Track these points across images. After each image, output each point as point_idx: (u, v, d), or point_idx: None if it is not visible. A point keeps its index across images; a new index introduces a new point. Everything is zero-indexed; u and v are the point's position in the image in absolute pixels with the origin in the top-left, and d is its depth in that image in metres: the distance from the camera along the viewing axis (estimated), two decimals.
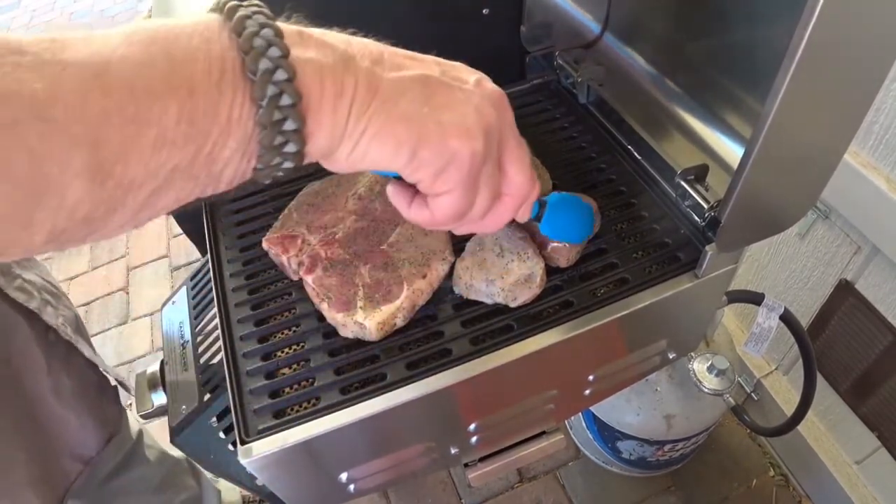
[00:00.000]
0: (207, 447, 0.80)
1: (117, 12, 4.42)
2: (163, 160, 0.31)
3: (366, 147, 0.37)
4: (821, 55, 0.49)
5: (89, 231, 0.31)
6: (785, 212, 0.67)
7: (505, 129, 0.42)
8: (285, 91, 0.33)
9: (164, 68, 0.30)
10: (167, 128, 0.30)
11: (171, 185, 0.32)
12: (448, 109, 0.38)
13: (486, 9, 0.90)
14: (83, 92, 0.28)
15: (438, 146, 0.38)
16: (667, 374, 1.34)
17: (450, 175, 0.40)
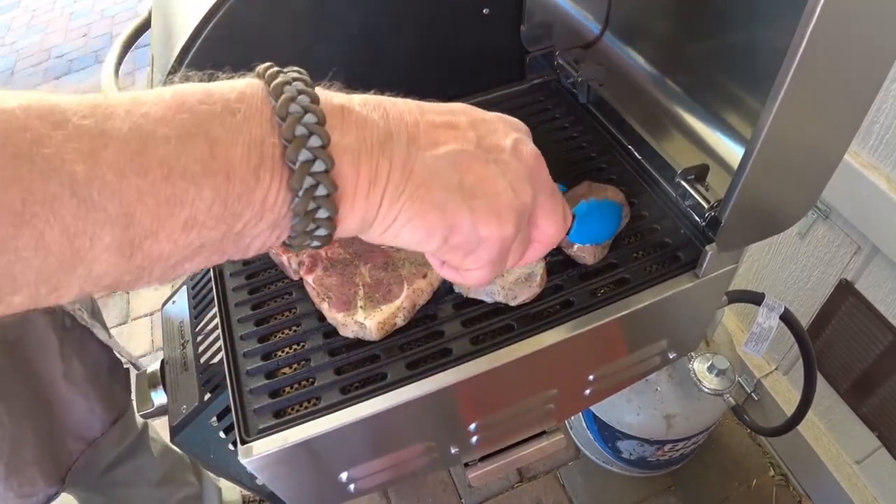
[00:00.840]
0: (207, 446, 0.80)
1: (117, 12, 4.43)
2: (192, 238, 0.31)
3: (397, 230, 0.37)
4: (821, 55, 0.49)
5: (114, 291, 0.32)
6: (785, 212, 0.67)
7: (539, 189, 0.41)
8: (322, 182, 0.33)
9: (204, 151, 0.30)
10: (200, 210, 0.31)
11: (199, 255, 0.33)
12: (481, 191, 0.37)
13: (487, 8, 0.90)
14: (121, 172, 0.28)
15: (469, 233, 0.38)
16: (667, 373, 1.34)
17: (479, 256, 0.40)
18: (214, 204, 0.31)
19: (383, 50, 0.89)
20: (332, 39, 0.85)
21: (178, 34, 0.79)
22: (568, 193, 0.77)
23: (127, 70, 3.51)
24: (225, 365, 0.69)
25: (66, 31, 4.32)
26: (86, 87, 3.66)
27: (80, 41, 4.18)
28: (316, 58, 0.86)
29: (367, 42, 0.87)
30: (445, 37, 0.91)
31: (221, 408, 0.76)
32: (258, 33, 0.80)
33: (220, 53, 0.79)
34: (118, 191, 0.28)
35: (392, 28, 0.87)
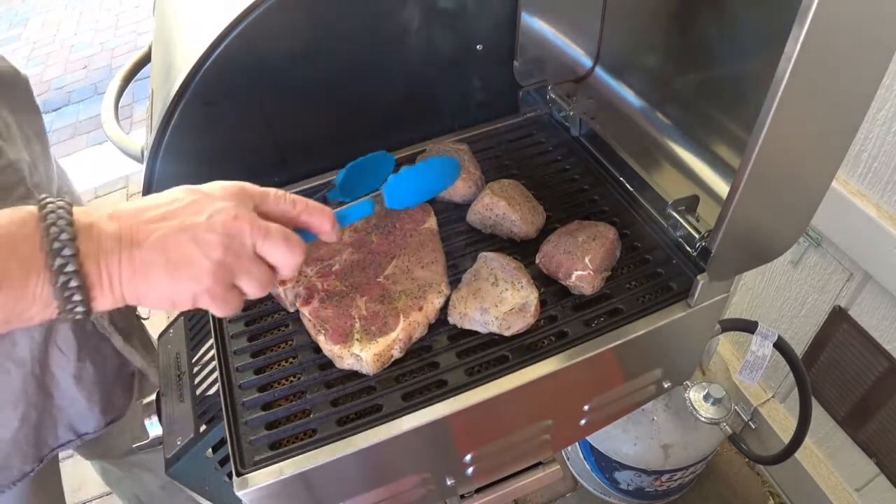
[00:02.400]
0: (203, 478, 0.80)
1: (117, 45, 4.48)
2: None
3: (144, 302, 0.53)
4: (805, 86, 0.50)
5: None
6: (775, 240, 0.68)
7: (244, 241, 0.54)
8: (72, 278, 0.48)
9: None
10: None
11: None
12: (182, 263, 0.51)
13: (480, 45, 0.92)
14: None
15: (182, 295, 0.53)
16: (663, 403, 1.34)
17: (202, 303, 0.54)
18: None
19: (379, 85, 0.91)
20: (329, 73, 0.87)
21: (179, 68, 0.81)
22: (560, 229, 0.78)
23: (126, 102, 3.54)
24: (221, 397, 0.69)
25: (66, 63, 4.36)
26: (85, 118, 3.69)
27: (80, 73, 4.23)
28: (314, 92, 0.88)
29: (362, 77, 0.89)
30: (440, 73, 0.93)
31: (217, 439, 0.76)
32: (257, 68, 0.82)
33: (219, 87, 0.81)
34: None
35: (388, 65, 0.89)
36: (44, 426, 0.96)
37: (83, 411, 1.00)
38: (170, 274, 0.52)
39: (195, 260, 0.52)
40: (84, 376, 0.98)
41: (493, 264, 0.74)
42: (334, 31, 0.83)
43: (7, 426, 0.90)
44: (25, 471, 0.95)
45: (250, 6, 0.76)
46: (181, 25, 0.92)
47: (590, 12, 0.95)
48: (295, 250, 0.57)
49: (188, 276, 0.52)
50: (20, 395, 0.90)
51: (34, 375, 0.92)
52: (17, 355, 0.89)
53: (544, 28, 0.94)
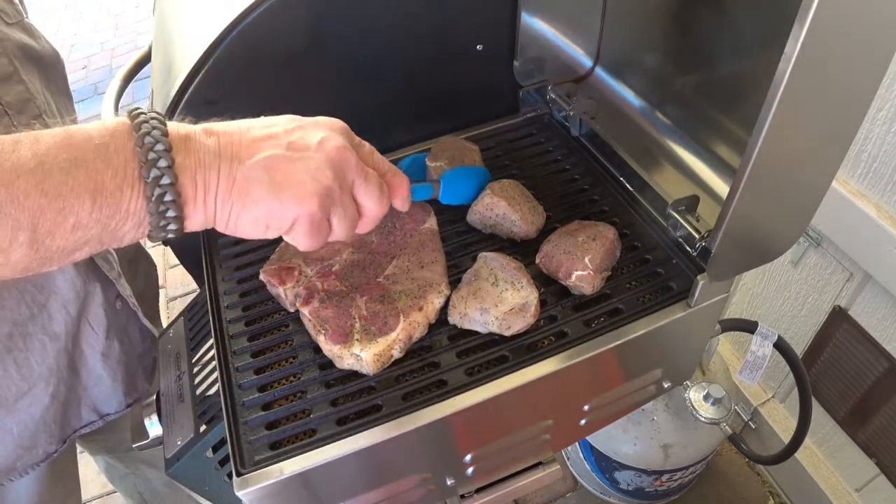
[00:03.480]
0: (203, 478, 0.80)
1: (117, 45, 4.48)
2: (79, 236, 0.45)
3: (234, 224, 0.51)
4: (805, 86, 0.50)
5: (24, 272, 0.46)
6: (775, 240, 0.68)
7: (347, 174, 0.54)
8: (168, 192, 0.46)
9: (84, 176, 0.44)
10: (82, 216, 0.44)
11: (86, 247, 0.47)
12: (287, 184, 0.50)
13: (480, 45, 0.92)
14: (28, 194, 0.42)
15: (281, 218, 0.51)
16: (663, 403, 1.34)
17: (297, 231, 0.53)
18: (93, 211, 0.44)
19: (379, 85, 0.91)
20: (329, 74, 0.87)
21: (179, 68, 0.81)
22: (561, 229, 0.78)
23: (126, 102, 3.54)
24: (221, 397, 0.69)
25: (66, 63, 4.36)
26: (85, 119, 3.69)
27: (81, 73, 4.23)
28: (313, 91, 0.88)
29: (362, 76, 0.89)
30: (441, 73, 0.93)
31: (217, 440, 0.76)
32: (257, 67, 0.82)
33: (219, 87, 0.81)
34: (28, 207, 0.42)
35: (388, 65, 0.89)
36: (70, 405, 0.97)
37: (107, 391, 1.01)
38: (274, 193, 0.50)
39: (303, 181, 0.50)
40: (111, 354, 0.99)
41: (493, 264, 0.74)
42: (334, 31, 0.83)
43: (39, 403, 0.91)
44: (49, 451, 0.95)
45: (250, 6, 0.76)
46: (181, 25, 0.93)
47: (590, 12, 0.95)
48: (384, 200, 0.57)
49: (294, 196, 0.50)
50: (53, 370, 0.91)
51: (67, 351, 0.93)
52: (53, 330, 0.90)
53: (544, 28, 0.94)
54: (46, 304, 0.88)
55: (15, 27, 0.88)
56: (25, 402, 0.89)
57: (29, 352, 0.88)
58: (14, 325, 0.85)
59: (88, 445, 1.25)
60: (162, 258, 2.61)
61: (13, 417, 0.89)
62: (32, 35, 0.92)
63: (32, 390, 0.90)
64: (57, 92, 0.97)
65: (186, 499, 1.41)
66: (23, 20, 0.91)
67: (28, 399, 0.89)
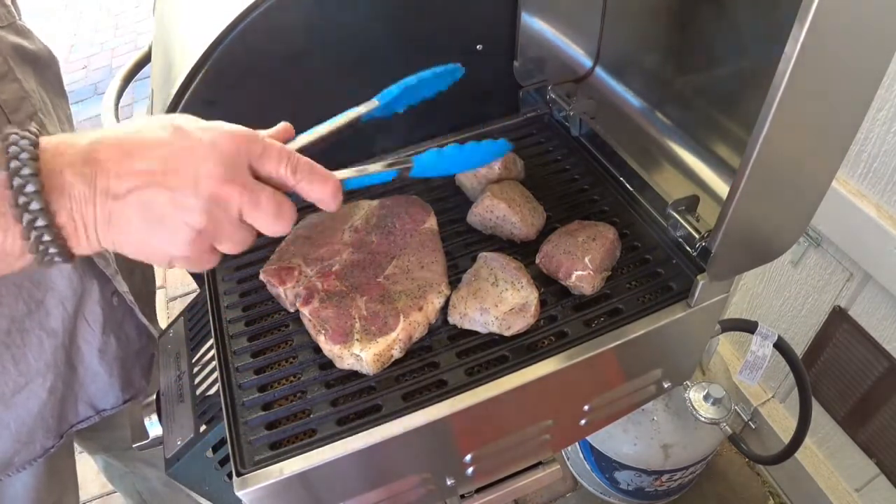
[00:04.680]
0: (203, 478, 0.80)
1: (117, 45, 4.48)
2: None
3: (121, 251, 0.52)
4: (805, 86, 0.50)
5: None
6: (775, 240, 0.68)
7: (229, 208, 0.51)
8: (44, 233, 0.47)
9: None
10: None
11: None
12: (159, 229, 0.50)
13: (480, 45, 0.92)
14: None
15: (158, 257, 0.52)
16: (663, 403, 1.34)
17: (180, 265, 0.53)
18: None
19: (379, 85, 0.91)
20: (329, 74, 0.87)
21: (179, 68, 0.81)
22: (561, 229, 0.78)
23: (126, 102, 3.54)
24: (221, 397, 0.69)
25: (66, 63, 4.36)
26: (85, 119, 3.69)
27: (80, 73, 4.23)
28: (314, 91, 0.87)
29: (362, 77, 0.89)
30: None
31: (217, 440, 0.76)
32: (257, 67, 0.82)
33: (219, 87, 0.81)
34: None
35: (388, 65, 0.89)
36: (67, 401, 0.98)
37: (104, 387, 1.02)
38: (145, 234, 0.50)
39: (173, 226, 0.50)
40: (107, 350, 1.00)
41: (493, 264, 0.74)
42: (333, 31, 0.83)
43: (36, 398, 0.92)
44: (46, 446, 0.96)
45: (250, 6, 0.76)
46: (181, 25, 0.93)
47: (590, 12, 0.95)
48: (283, 220, 0.54)
49: (164, 239, 0.51)
50: (50, 366, 0.92)
51: (64, 347, 0.93)
52: (50, 326, 0.90)
53: (544, 28, 0.94)
54: (43, 301, 0.89)
55: (8, 29, 0.89)
56: (22, 397, 0.90)
57: (26, 347, 0.88)
58: (11, 321, 0.85)
59: (87, 444, 1.26)
60: None
61: (10, 413, 0.90)
62: (26, 36, 0.93)
63: (29, 385, 0.90)
64: (52, 91, 0.97)
65: (186, 498, 1.41)
66: (15, 22, 0.92)
67: (25, 394, 0.90)
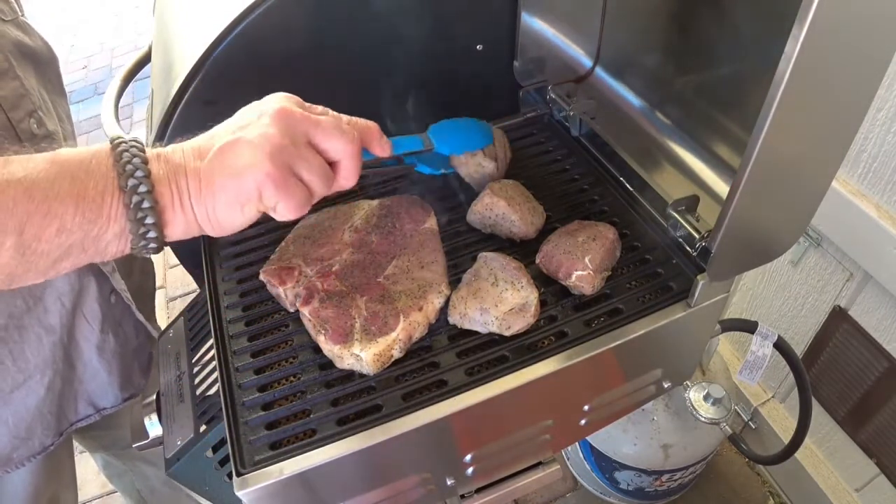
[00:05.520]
0: (203, 478, 0.80)
1: (117, 45, 4.48)
2: (63, 240, 0.48)
3: (215, 219, 0.54)
4: (805, 86, 0.50)
5: (10, 282, 0.49)
6: (775, 240, 0.68)
7: (296, 127, 0.55)
8: (145, 199, 0.50)
9: (68, 183, 0.48)
10: (66, 220, 0.48)
11: (70, 254, 0.50)
12: (238, 158, 0.52)
13: (480, 45, 0.92)
14: (16, 200, 0.46)
15: (247, 191, 0.53)
16: (663, 403, 1.34)
17: (267, 197, 0.53)
18: (76, 215, 0.48)
19: (379, 86, 0.91)
20: (329, 74, 0.87)
21: (179, 68, 0.81)
22: (561, 229, 0.78)
23: (126, 102, 3.55)
24: (221, 397, 0.69)
25: (66, 63, 4.36)
26: (85, 119, 3.69)
27: (80, 73, 4.23)
28: (313, 92, 0.87)
29: (361, 77, 0.89)
30: (440, 73, 0.93)
31: (217, 440, 0.76)
32: (257, 67, 0.82)
33: (219, 87, 0.81)
34: (16, 213, 0.46)
35: (388, 65, 0.89)
36: (66, 398, 0.98)
37: (103, 385, 1.02)
38: (230, 171, 0.52)
39: (252, 149, 0.52)
40: (106, 348, 1.00)
41: (493, 264, 0.74)
42: (334, 31, 0.83)
43: (34, 394, 0.92)
44: (45, 444, 0.96)
45: (250, 6, 0.76)
46: (181, 25, 0.93)
47: (590, 12, 0.95)
48: (349, 136, 0.57)
49: (247, 165, 0.52)
50: (49, 363, 0.92)
51: (62, 344, 0.94)
52: (49, 322, 0.91)
53: (544, 28, 0.94)
54: (42, 297, 0.89)
55: (10, 24, 0.89)
56: (21, 393, 0.90)
57: (24, 343, 0.89)
58: (10, 317, 0.86)
59: (87, 442, 1.26)
60: (162, 258, 2.61)
61: (9, 408, 0.90)
62: (27, 33, 0.93)
63: (28, 382, 0.90)
64: (52, 89, 0.98)
65: (185, 497, 1.42)
66: (18, 18, 0.92)
67: (24, 390, 0.90)
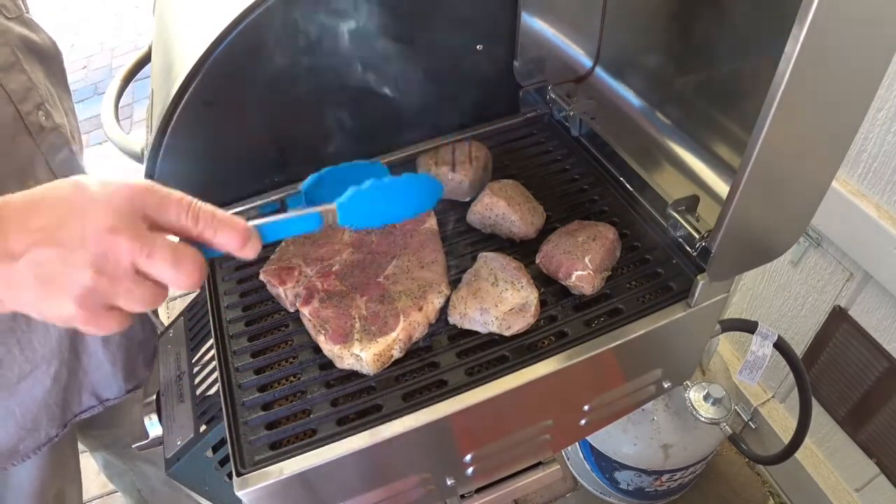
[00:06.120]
0: (203, 478, 0.80)
1: (117, 45, 4.48)
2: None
3: (26, 312, 0.51)
4: (805, 86, 0.50)
5: None
6: (775, 240, 0.68)
7: (119, 261, 0.50)
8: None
9: None
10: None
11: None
12: (49, 290, 0.50)
13: (480, 45, 0.92)
14: None
15: (55, 318, 0.51)
16: (663, 403, 1.34)
17: (78, 326, 0.51)
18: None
19: (379, 86, 0.91)
20: (329, 74, 0.87)
21: (179, 68, 0.81)
22: (561, 229, 0.78)
23: (126, 102, 3.54)
24: (221, 397, 0.69)
25: (66, 63, 4.34)
26: (85, 119, 3.68)
27: (81, 73, 4.22)
28: (314, 91, 0.88)
29: (362, 77, 0.89)
30: (440, 73, 0.93)
31: (217, 440, 0.76)
32: (257, 68, 0.82)
33: (219, 87, 0.81)
34: None
35: (388, 65, 0.89)
36: (71, 389, 0.99)
37: (107, 376, 1.03)
38: (37, 293, 0.50)
39: (63, 282, 0.49)
40: (111, 339, 1.01)
41: (493, 264, 0.74)
42: (334, 32, 0.83)
43: (41, 385, 0.93)
44: (51, 435, 0.97)
45: (250, 6, 0.76)
46: (181, 25, 0.92)
47: (590, 12, 0.94)
48: (185, 269, 0.52)
49: (55, 304, 0.50)
50: (55, 353, 0.93)
51: (68, 334, 0.94)
52: None
53: (544, 28, 0.94)
54: None
55: (15, 21, 0.90)
56: (28, 383, 0.91)
57: (32, 333, 0.89)
58: None
59: (88, 441, 1.26)
60: None
61: (15, 399, 0.90)
62: (33, 29, 0.94)
63: (34, 372, 0.91)
64: (57, 84, 0.99)
65: (185, 497, 1.42)
66: (23, 15, 0.93)
67: (30, 381, 0.91)
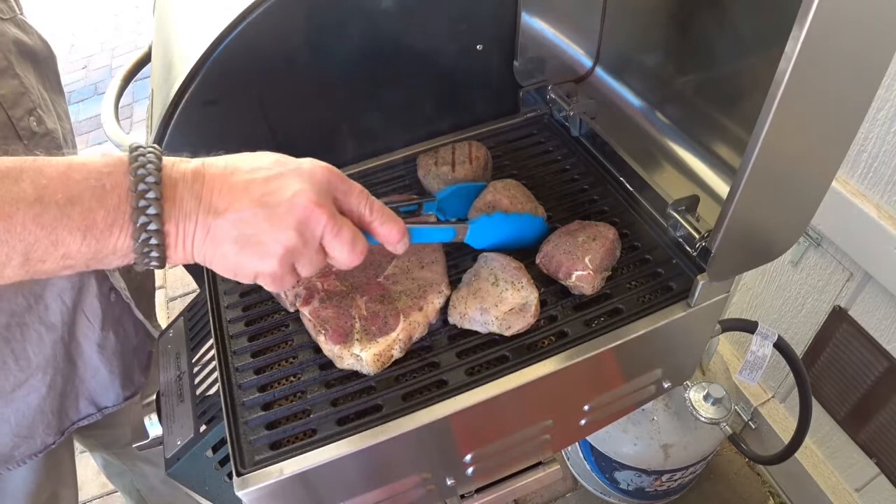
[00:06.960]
0: (203, 478, 0.80)
1: (117, 45, 4.48)
2: (67, 262, 0.49)
3: (209, 265, 0.55)
4: (805, 86, 0.50)
5: (11, 281, 0.50)
6: (775, 240, 0.68)
7: (315, 230, 0.55)
8: (153, 236, 0.50)
9: (78, 214, 0.48)
10: (72, 248, 0.49)
11: (72, 269, 0.51)
12: (251, 244, 0.53)
13: (481, 45, 0.92)
14: (25, 226, 0.46)
15: (245, 272, 0.55)
16: (663, 403, 1.34)
17: (260, 281, 0.56)
18: (82, 246, 0.49)
19: (379, 86, 0.91)
20: (329, 74, 0.87)
21: (179, 68, 0.81)
22: (561, 229, 0.78)
23: (126, 102, 3.55)
24: (221, 397, 0.69)
25: (66, 63, 4.36)
26: (84, 119, 3.69)
27: (81, 73, 4.23)
28: (314, 91, 0.88)
29: (362, 77, 0.89)
30: (440, 73, 0.93)
31: (217, 440, 0.76)
32: (257, 67, 0.82)
33: (219, 87, 0.81)
34: (24, 238, 0.47)
35: (388, 65, 0.89)
36: (67, 397, 0.99)
37: (104, 383, 1.03)
38: (239, 251, 0.53)
39: (266, 243, 0.53)
40: (107, 346, 1.01)
41: (493, 264, 0.74)
42: (334, 32, 0.83)
43: (36, 392, 0.92)
44: (47, 442, 0.96)
45: (250, 6, 0.76)
46: (181, 25, 0.93)
47: (590, 12, 0.95)
48: (356, 254, 0.57)
49: (255, 256, 0.53)
50: (50, 361, 0.93)
51: (63, 342, 0.94)
52: (50, 320, 0.91)
53: (544, 28, 0.94)
54: (43, 295, 0.89)
55: (9, 23, 0.89)
56: (23, 391, 0.90)
57: (26, 342, 0.89)
58: (11, 315, 0.86)
59: (86, 441, 1.26)
60: None
61: (10, 406, 0.90)
62: (26, 31, 0.94)
63: (30, 380, 0.91)
64: (50, 88, 0.98)
65: (185, 496, 1.42)
66: (16, 17, 0.92)
67: (25, 389, 0.91)
